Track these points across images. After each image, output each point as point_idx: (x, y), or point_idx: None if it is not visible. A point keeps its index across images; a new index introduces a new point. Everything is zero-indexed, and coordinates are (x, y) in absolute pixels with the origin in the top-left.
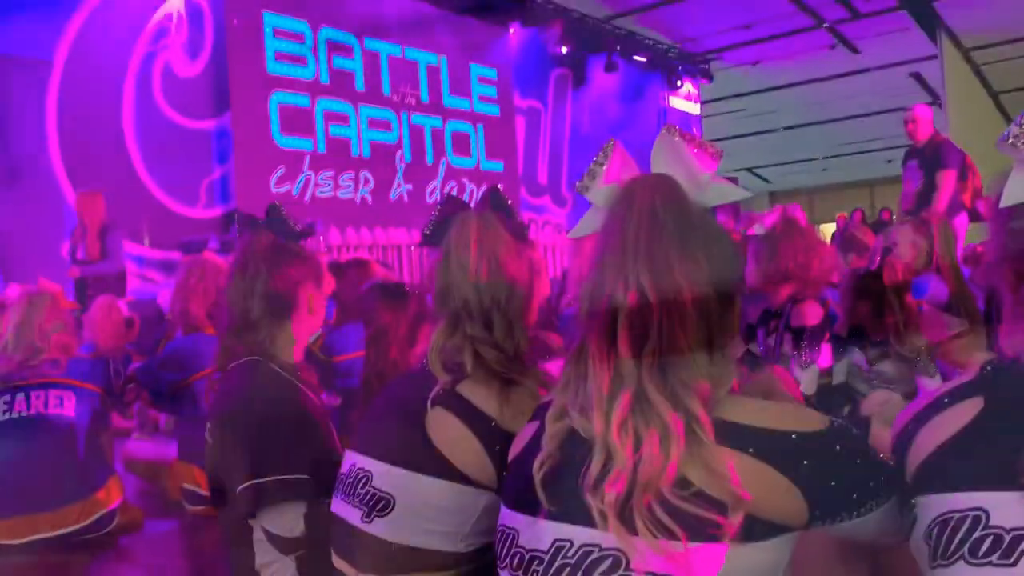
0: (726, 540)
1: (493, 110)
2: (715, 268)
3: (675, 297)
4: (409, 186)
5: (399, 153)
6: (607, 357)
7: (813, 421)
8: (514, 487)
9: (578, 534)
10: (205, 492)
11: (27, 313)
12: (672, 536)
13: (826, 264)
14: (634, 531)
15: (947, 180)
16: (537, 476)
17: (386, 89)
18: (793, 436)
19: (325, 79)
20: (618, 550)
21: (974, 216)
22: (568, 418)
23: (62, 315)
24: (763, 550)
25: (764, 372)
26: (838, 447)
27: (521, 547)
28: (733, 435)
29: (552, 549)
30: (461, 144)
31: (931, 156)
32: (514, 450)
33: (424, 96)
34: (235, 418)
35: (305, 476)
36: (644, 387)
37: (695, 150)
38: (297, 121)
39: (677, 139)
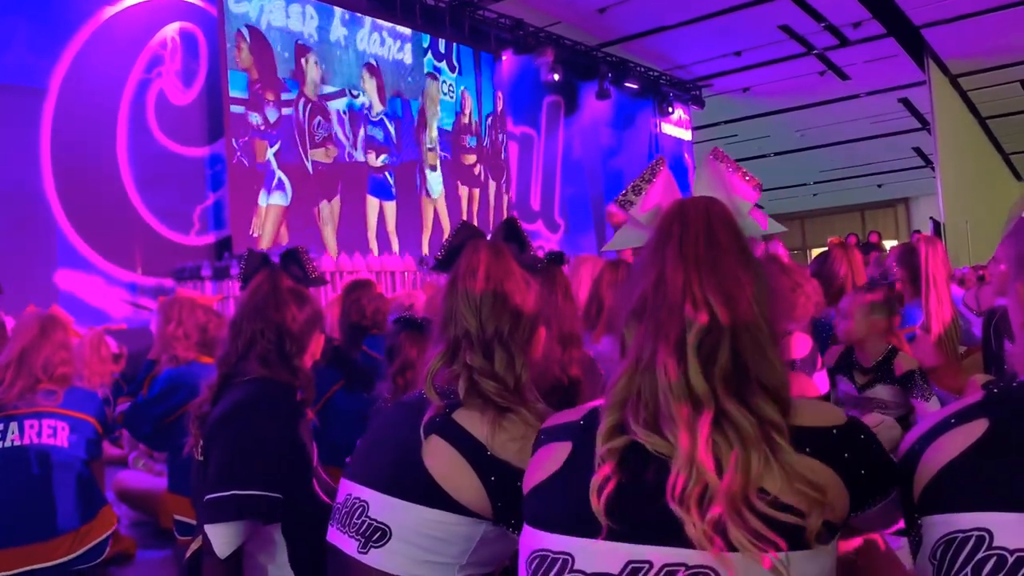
0: (813, 544)
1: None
2: (768, 280)
3: (747, 310)
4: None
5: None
6: (678, 373)
7: (838, 415)
8: (553, 510)
9: (657, 554)
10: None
11: (36, 340)
12: (768, 545)
13: (811, 300)
14: (729, 546)
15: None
16: (597, 496)
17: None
18: (834, 431)
19: None
20: (706, 567)
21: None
22: (630, 433)
23: (70, 349)
24: (829, 553)
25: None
26: (862, 436)
27: (580, 571)
28: (794, 438)
29: (628, 571)
30: None
31: None
32: (538, 474)
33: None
34: (228, 421)
35: (275, 495)
36: (721, 400)
37: (738, 179)
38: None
39: (722, 165)
